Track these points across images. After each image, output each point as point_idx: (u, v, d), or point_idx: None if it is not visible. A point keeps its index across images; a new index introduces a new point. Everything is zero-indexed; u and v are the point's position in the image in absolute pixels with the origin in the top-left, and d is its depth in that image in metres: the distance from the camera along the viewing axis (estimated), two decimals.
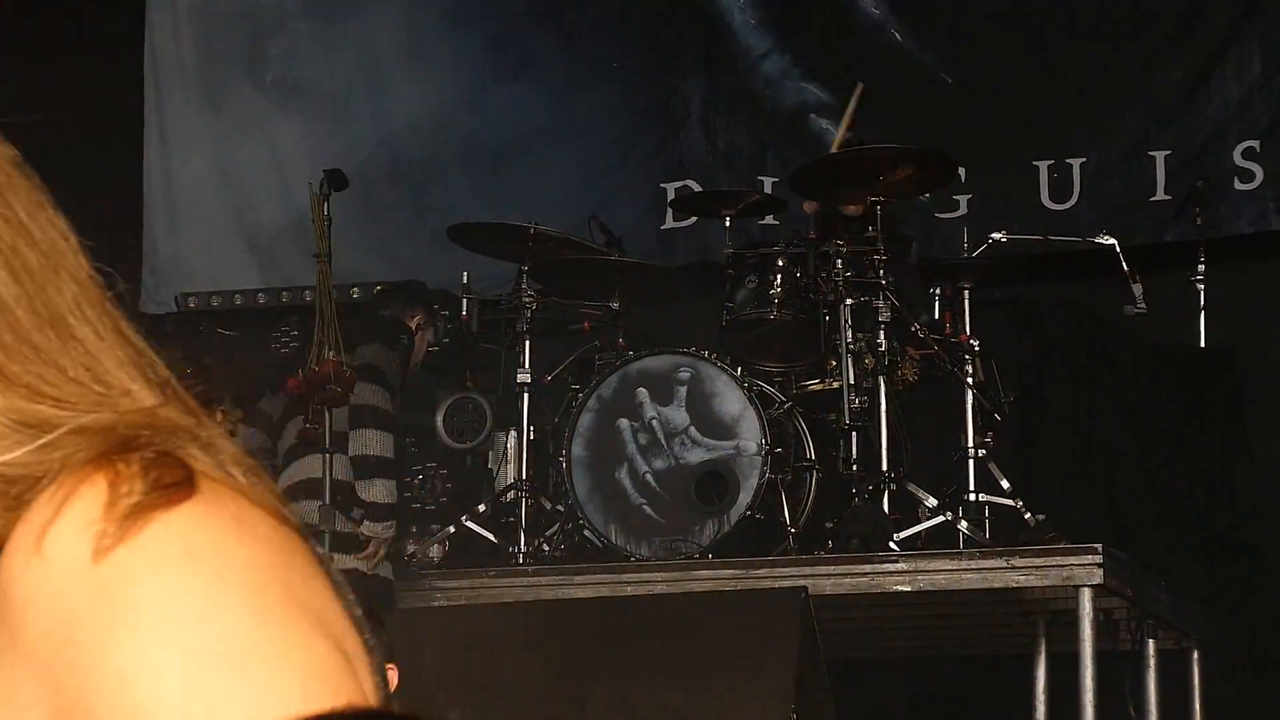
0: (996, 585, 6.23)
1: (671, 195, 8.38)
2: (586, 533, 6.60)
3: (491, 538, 6.72)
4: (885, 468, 6.58)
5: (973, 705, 7.53)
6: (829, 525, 6.65)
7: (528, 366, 6.74)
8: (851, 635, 6.79)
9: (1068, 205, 8.20)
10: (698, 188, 8.33)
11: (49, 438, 1.02)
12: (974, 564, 6.28)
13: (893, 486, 6.57)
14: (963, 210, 8.20)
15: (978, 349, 6.78)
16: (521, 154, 8.39)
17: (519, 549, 6.57)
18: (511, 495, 6.71)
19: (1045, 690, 6.84)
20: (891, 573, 6.27)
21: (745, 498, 6.53)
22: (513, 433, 6.81)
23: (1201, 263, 7.61)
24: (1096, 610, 6.12)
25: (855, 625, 6.74)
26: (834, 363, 6.69)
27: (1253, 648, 7.30)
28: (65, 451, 1.02)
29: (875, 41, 8.42)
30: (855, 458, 6.61)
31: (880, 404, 6.62)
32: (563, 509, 6.69)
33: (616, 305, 6.92)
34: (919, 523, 6.53)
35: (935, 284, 7.00)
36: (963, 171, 8.10)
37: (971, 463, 6.68)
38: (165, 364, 1.09)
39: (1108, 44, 8.25)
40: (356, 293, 7.60)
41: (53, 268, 1.07)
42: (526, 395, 6.73)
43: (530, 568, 6.51)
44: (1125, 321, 7.05)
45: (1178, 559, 7.07)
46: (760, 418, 6.55)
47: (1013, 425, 6.95)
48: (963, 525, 6.53)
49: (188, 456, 1.03)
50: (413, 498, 7.27)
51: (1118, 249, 6.95)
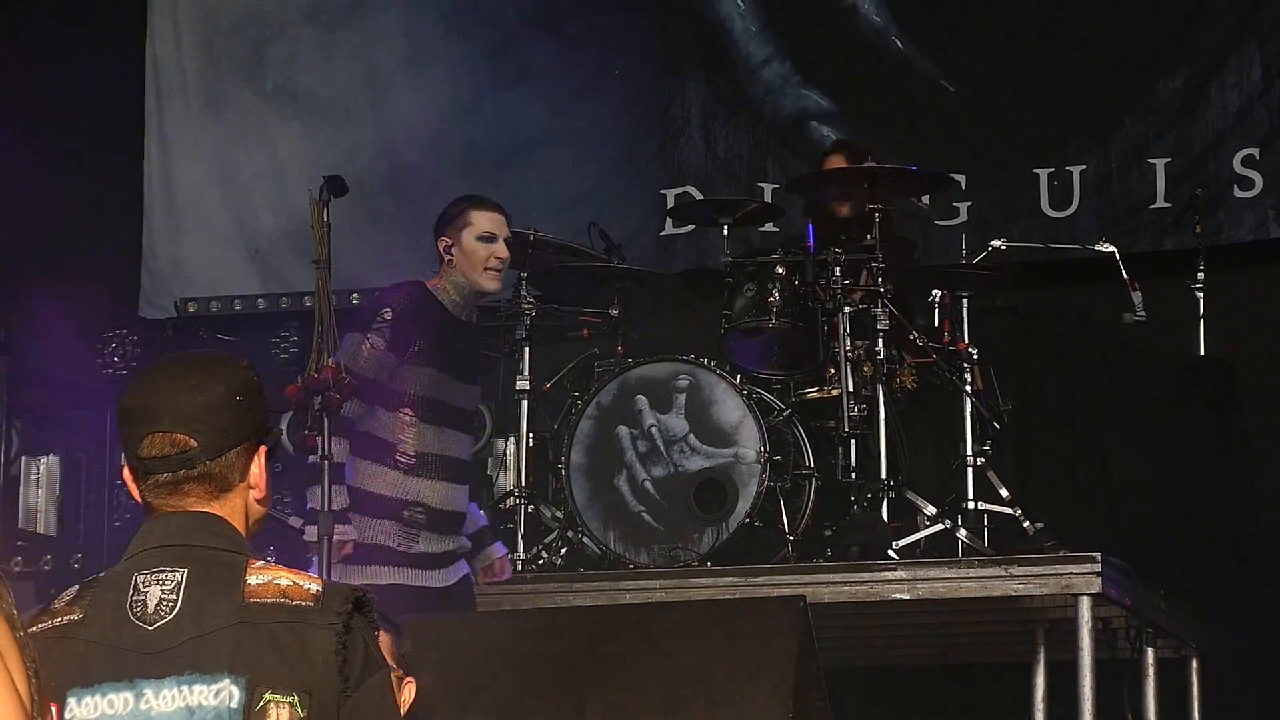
0: (995, 594, 6.24)
1: (671, 202, 8.42)
2: (585, 540, 6.61)
3: None
4: (884, 475, 6.59)
5: (971, 713, 7.53)
6: (828, 533, 6.67)
7: (527, 373, 6.74)
8: (850, 643, 6.79)
9: (1068, 213, 8.22)
10: (697, 194, 8.37)
11: None
12: (973, 572, 6.28)
13: (891, 494, 6.59)
14: (963, 218, 8.23)
15: (976, 357, 6.82)
16: (521, 161, 8.42)
17: (518, 556, 6.56)
18: (510, 502, 6.71)
19: (1044, 698, 6.84)
20: (890, 581, 6.27)
21: (744, 505, 6.54)
22: (512, 439, 6.81)
23: (1201, 270, 7.65)
24: (1095, 619, 6.13)
25: (854, 633, 6.75)
26: (833, 370, 6.71)
27: (1252, 657, 7.30)
28: None
29: (876, 49, 8.45)
30: (854, 465, 6.63)
31: (879, 412, 6.64)
32: (562, 516, 6.69)
33: (616, 312, 6.93)
34: (918, 531, 6.57)
35: (934, 291, 7.00)
36: (963, 179, 8.15)
37: (970, 471, 6.71)
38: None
39: (1107, 51, 8.28)
40: (356, 299, 7.61)
41: None
42: (525, 402, 6.72)
43: (529, 575, 6.50)
44: (1125, 329, 7.08)
45: (1177, 568, 7.07)
46: (759, 425, 6.56)
47: (1011, 434, 6.98)
48: (961, 533, 6.57)
49: None
50: None
51: (1117, 257, 7.02)
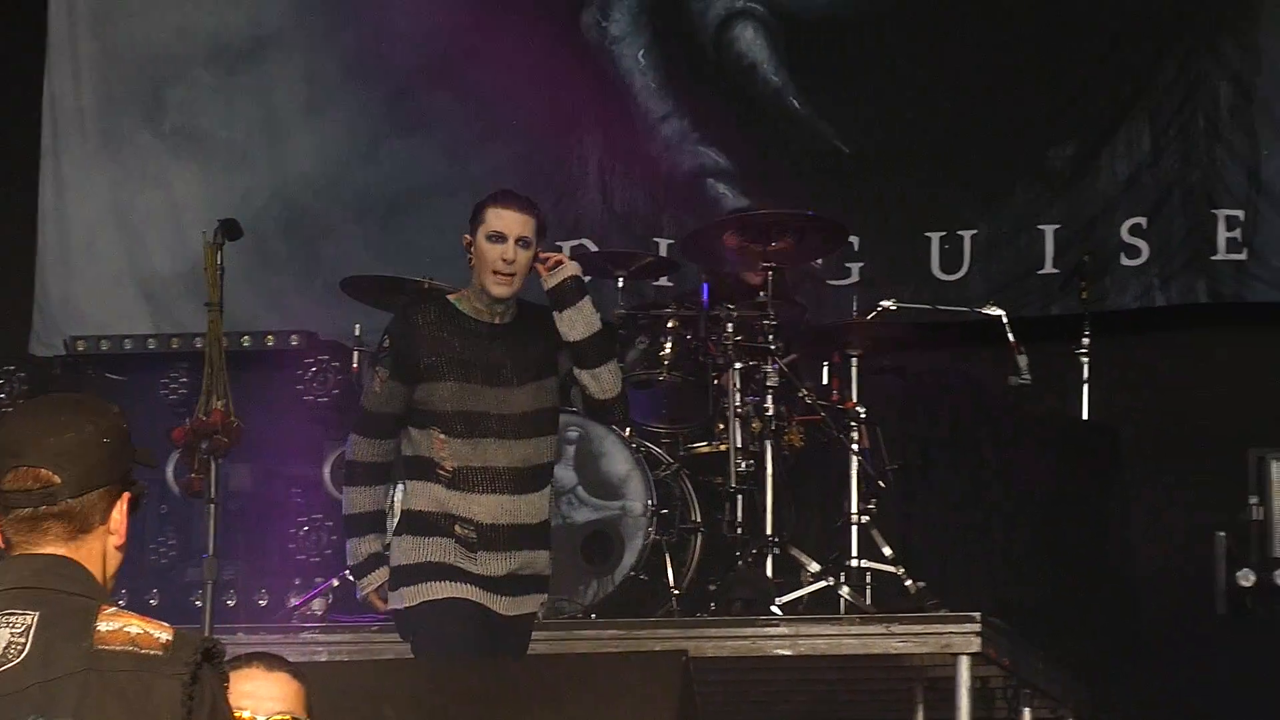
0: (876, 651, 6.26)
1: (565, 252, 8.40)
2: None
3: None
4: (769, 531, 6.62)
5: None
6: (712, 588, 6.70)
7: None
8: (732, 698, 6.80)
9: (958, 276, 8.31)
10: (593, 247, 8.39)
11: None
12: (854, 629, 6.31)
13: (776, 550, 6.62)
14: (855, 278, 8.29)
15: (864, 416, 6.85)
16: (416, 208, 8.44)
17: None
18: None
19: None
20: (773, 636, 6.29)
21: (630, 558, 6.56)
22: (399, 486, 6.73)
23: (1086, 336, 7.75)
24: (974, 678, 6.16)
25: (736, 688, 6.75)
26: (721, 426, 6.75)
27: (1128, 718, 7.38)
28: None
29: (774, 108, 8.53)
30: (740, 521, 6.66)
31: (766, 468, 6.68)
32: None
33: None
34: (801, 587, 6.58)
35: (824, 350, 7.03)
36: (856, 240, 8.19)
37: (854, 529, 6.74)
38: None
39: (1001, 118, 8.40)
40: (247, 341, 7.55)
41: None
42: None
43: None
44: (1010, 392, 7.12)
45: (1056, 628, 7.13)
46: (647, 479, 6.59)
47: (896, 493, 7.02)
48: (844, 591, 6.61)
49: None
50: (297, 549, 7.22)
51: (1004, 320, 7.07)
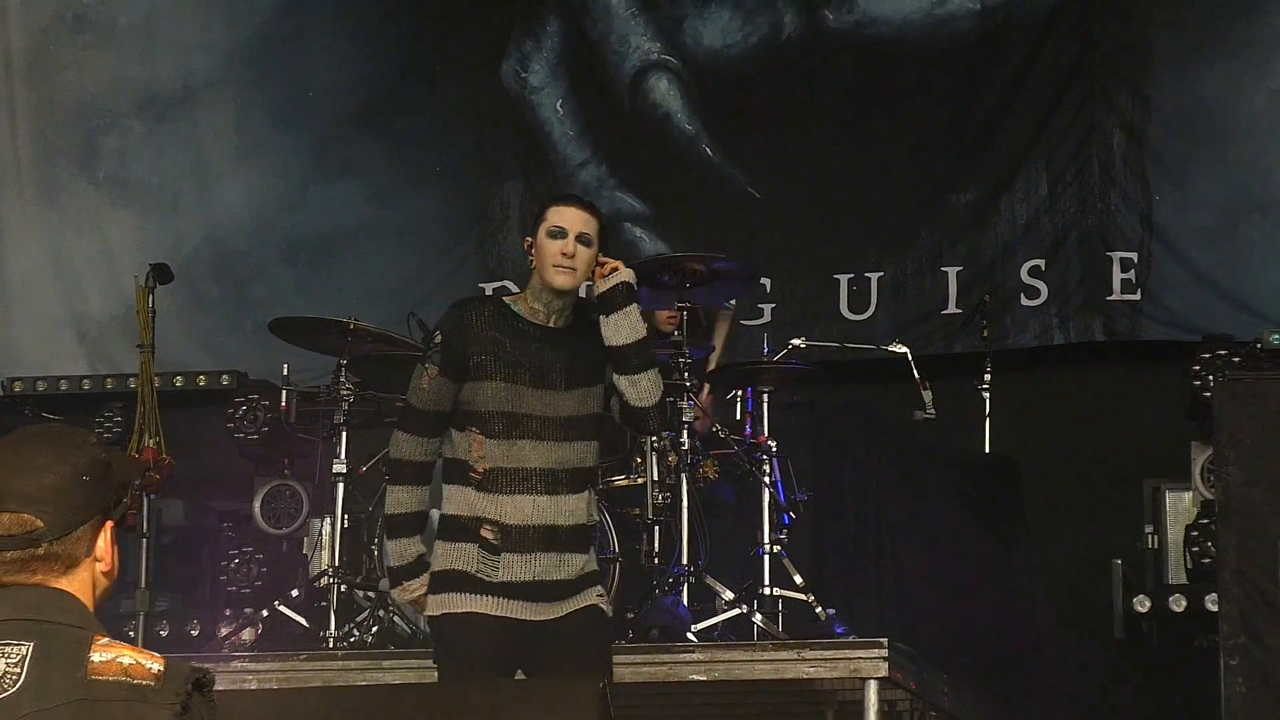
0: (788, 676, 6.24)
1: (489, 294, 8.38)
2: (396, 619, 6.58)
3: (304, 622, 6.69)
4: (685, 561, 6.63)
5: None
6: (630, 616, 6.66)
7: (344, 457, 6.74)
8: None
9: (865, 316, 8.41)
10: (514, 288, 8.39)
11: None
12: (767, 655, 6.27)
13: (692, 580, 6.62)
14: (766, 318, 8.37)
15: (775, 450, 6.88)
16: (343, 250, 8.46)
17: (330, 634, 6.54)
18: (324, 581, 6.69)
19: None
20: (689, 662, 6.25)
21: None
22: (328, 520, 6.80)
23: (988, 372, 7.82)
24: (882, 701, 6.13)
25: (653, 713, 6.74)
26: (639, 460, 6.75)
27: None
28: None
29: (688, 156, 8.62)
30: (657, 551, 6.66)
31: (682, 500, 6.66)
32: (374, 596, 6.67)
33: None
34: (716, 615, 6.58)
35: (737, 387, 7.08)
36: (767, 282, 8.28)
37: (767, 558, 6.75)
38: None
39: (906, 165, 8.51)
40: (180, 381, 7.60)
41: None
42: (341, 485, 6.72)
43: (340, 652, 6.46)
44: (915, 426, 7.19)
45: (962, 653, 7.17)
46: None
47: (806, 523, 7.04)
48: (757, 618, 6.59)
49: None
50: (228, 581, 7.25)
51: (909, 357, 7.10)
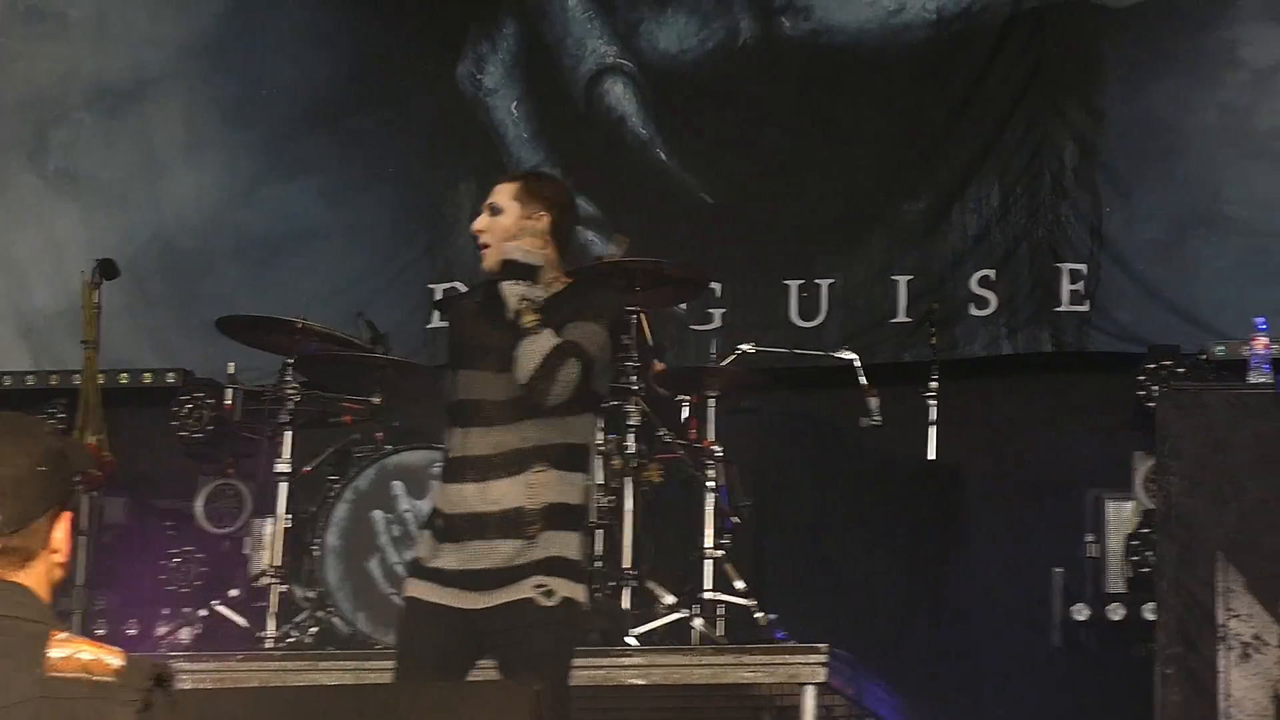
0: (727, 680, 6.26)
1: (439, 295, 8.40)
2: (335, 620, 6.56)
3: (243, 622, 6.66)
4: (627, 565, 6.62)
5: None
6: None
7: (287, 456, 6.68)
8: None
9: (815, 323, 8.35)
10: (464, 289, 8.37)
11: None
12: (706, 660, 6.31)
13: (633, 583, 6.63)
14: (717, 323, 8.32)
15: (720, 455, 6.87)
16: (293, 249, 8.45)
17: (268, 634, 6.47)
18: (264, 581, 6.62)
19: None
20: (627, 666, 6.27)
21: None
22: (270, 520, 6.74)
23: (935, 380, 7.75)
24: (819, 707, 6.16)
25: (590, 716, 6.70)
26: None
27: None
28: None
29: (642, 159, 8.57)
30: (600, 554, 6.65)
31: (626, 504, 6.68)
32: (313, 596, 6.63)
33: (378, 400, 6.89)
34: (656, 619, 6.58)
35: (684, 392, 7.07)
36: (718, 287, 8.24)
37: (709, 563, 6.76)
38: None
39: (858, 173, 8.47)
40: (125, 378, 7.52)
41: None
42: (285, 484, 6.66)
43: (278, 653, 6.41)
44: (861, 433, 7.19)
45: (901, 659, 7.24)
46: None
47: (749, 528, 7.06)
48: (697, 622, 6.60)
49: None
50: (168, 580, 7.22)
51: (857, 364, 7.12)
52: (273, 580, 6.57)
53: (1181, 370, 7.48)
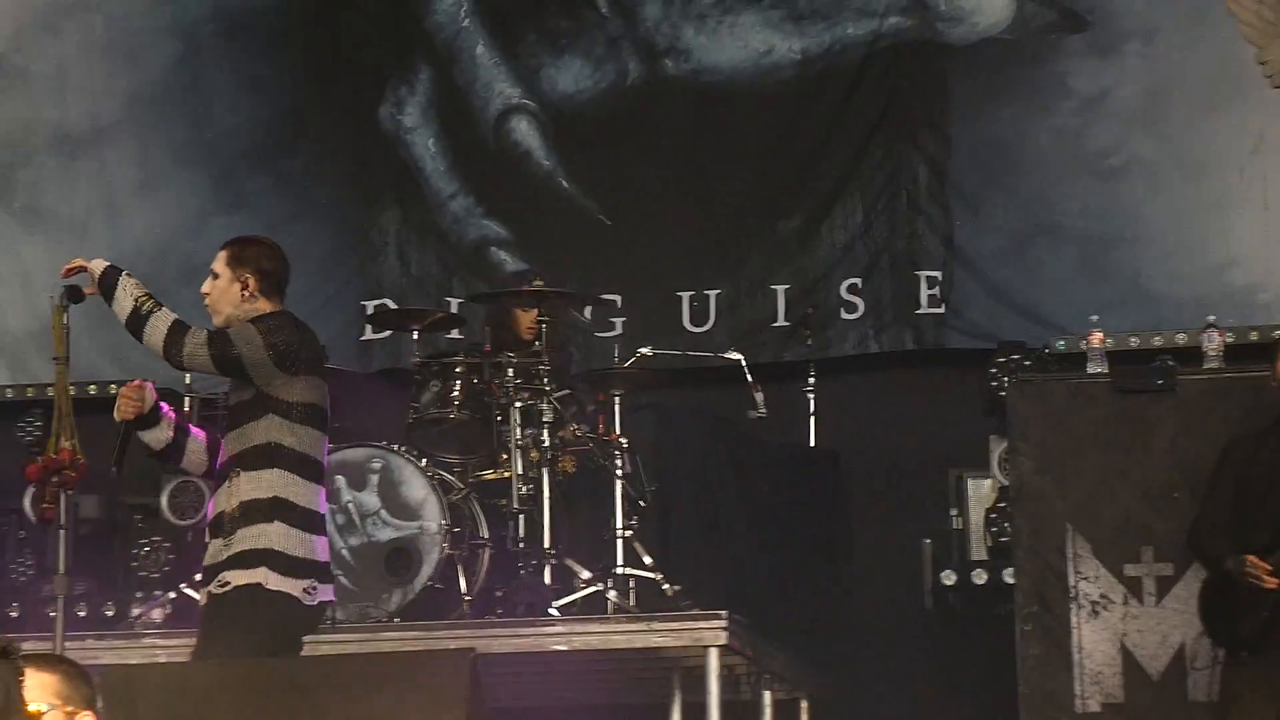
0: (639, 645, 6.36)
1: (370, 311, 8.58)
2: None
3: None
4: (547, 545, 6.71)
5: None
6: (499, 594, 6.78)
7: None
8: (515, 688, 6.89)
9: (705, 329, 8.54)
10: (393, 305, 8.54)
11: None
12: (620, 627, 6.40)
13: (553, 561, 6.70)
14: (618, 330, 8.49)
15: (626, 446, 6.95)
16: None
17: None
18: None
19: None
20: (551, 634, 6.38)
21: (428, 570, 6.68)
22: None
23: (812, 377, 8.02)
24: (722, 666, 6.27)
25: (519, 679, 6.83)
26: (505, 455, 6.82)
27: (851, 698, 7.62)
28: None
29: (546, 188, 8.75)
30: (522, 536, 6.72)
31: (544, 491, 6.75)
32: None
33: None
34: (575, 592, 6.67)
35: (592, 391, 7.22)
36: (618, 299, 8.46)
37: (620, 541, 6.85)
38: None
39: (739, 194, 8.66)
40: (94, 389, 7.67)
41: None
42: None
43: None
44: (749, 424, 7.30)
45: (791, 624, 7.31)
46: (441, 502, 6.72)
47: (654, 510, 7.13)
48: (612, 594, 6.69)
49: None
50: (139, 567, 7.29)
51: (743, 364, 7.22)
52: None
53: (1028, 363, 7.68)
